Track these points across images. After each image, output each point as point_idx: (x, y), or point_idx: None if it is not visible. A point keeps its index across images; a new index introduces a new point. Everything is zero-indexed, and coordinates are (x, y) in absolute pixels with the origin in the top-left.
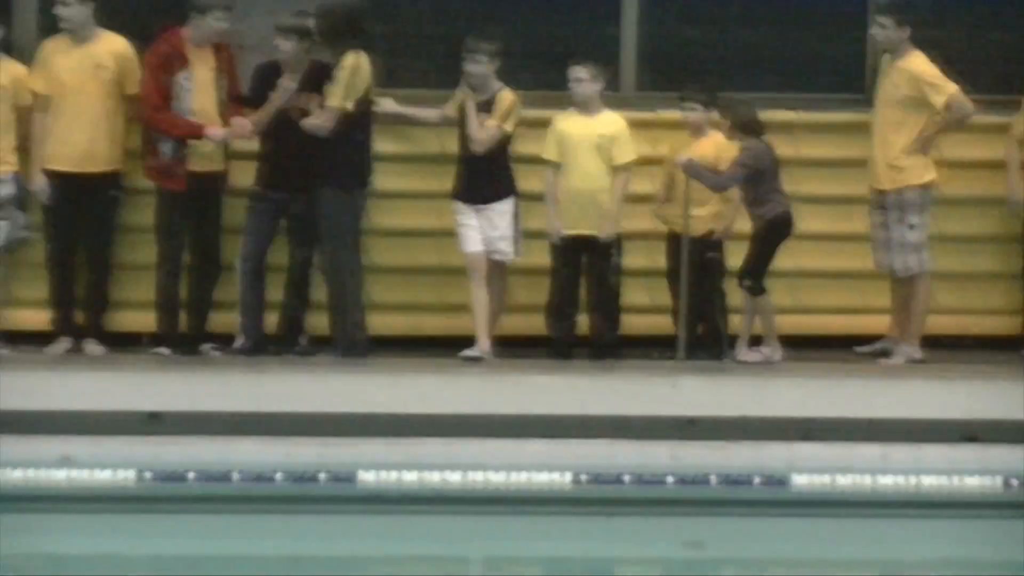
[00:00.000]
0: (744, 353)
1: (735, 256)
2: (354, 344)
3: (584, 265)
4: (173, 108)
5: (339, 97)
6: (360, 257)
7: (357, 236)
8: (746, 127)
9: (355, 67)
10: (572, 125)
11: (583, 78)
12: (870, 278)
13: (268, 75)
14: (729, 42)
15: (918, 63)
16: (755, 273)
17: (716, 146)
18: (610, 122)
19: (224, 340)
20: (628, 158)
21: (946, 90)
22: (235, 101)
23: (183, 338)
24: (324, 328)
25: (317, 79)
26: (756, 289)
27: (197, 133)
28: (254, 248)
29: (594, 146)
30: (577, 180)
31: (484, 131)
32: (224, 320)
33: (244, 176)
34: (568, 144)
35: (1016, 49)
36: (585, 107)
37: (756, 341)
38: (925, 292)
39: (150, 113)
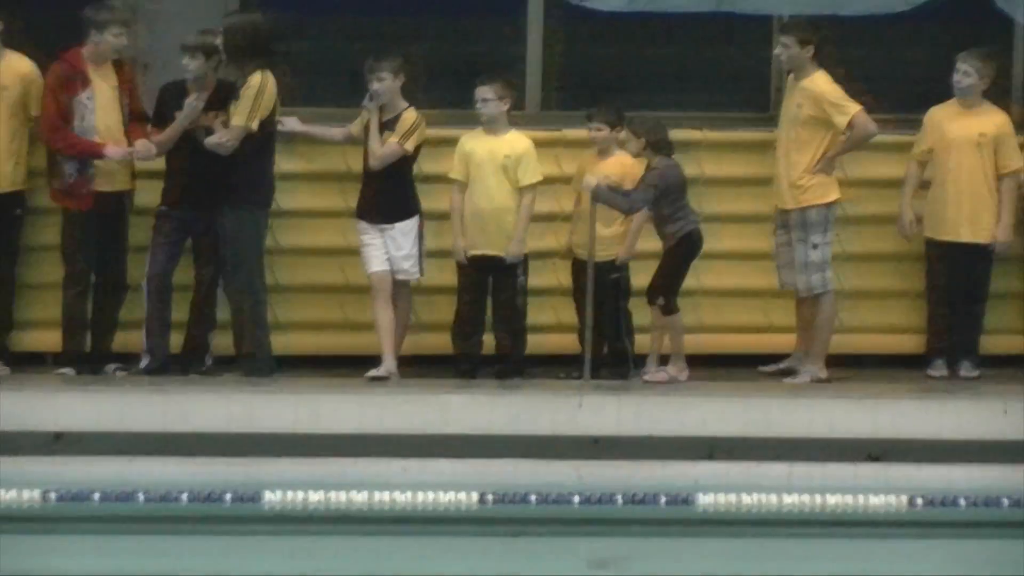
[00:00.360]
0: (651, 373)
1: (640, 275)
2: (258, 363)
3: (489, 285)
4: (77, 127)
5: (244, 116)
6: (263, 277)
7: (260, 255)
8: (657, 145)
9: (261, 86)
10: (478, 145)
11: (489, 98)
12: (774, 296)
13: (174, 94)
14: (634, 61)
15: (821, 83)
16: (667, 291)
17: (622, 165)
18: (516, 143)
19: (128, 360)
20: (533, 179)
21: (849, 110)
22: (137, 118)
23: (87, 358)
24: (229, 348)
25: (223, 98)
26: (669, 308)
27: (97, 152)
28: (160, 267)
29: (499, 166)
30: (482, 200)
31: (383, 147)
32: (129, 339)
33: (150, 195)
34: (473, 164)
35: (919, 68)
36: (491, 127)
37: (663, 360)
38: (830, 311)
39: (49, 134)
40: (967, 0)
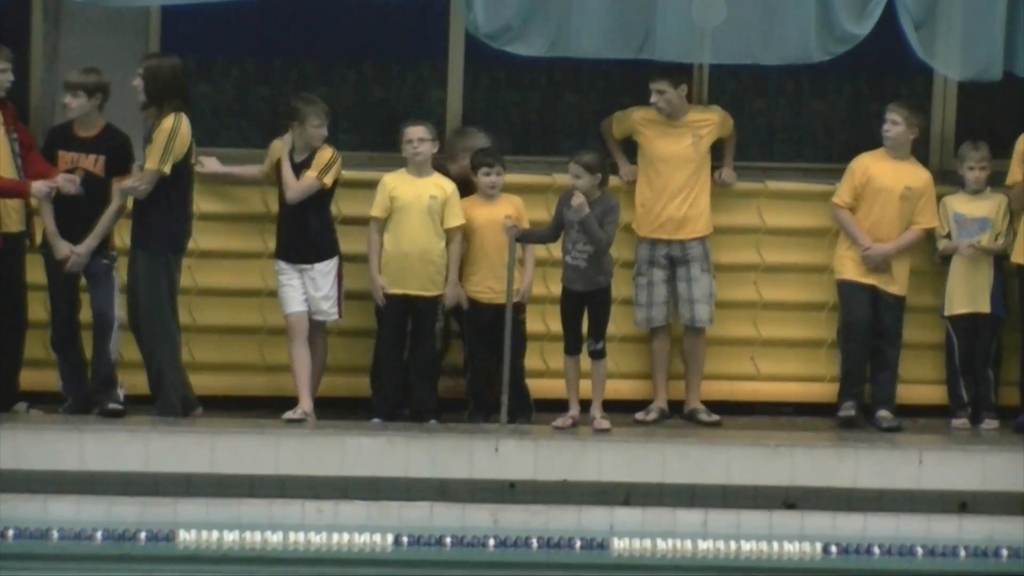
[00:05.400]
0: (559, 420)
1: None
2: (171, 404)
3: (409, 326)
4: None
5: (157, 159)
6: (175, 318)
7: (172, 298)
8: (604, 180)
9: (173, 129)
10: (403, 185)
11: (425, 138)
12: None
13: (60, 136)
14: (555, 106)
15: (708, 111)
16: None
17: (515, 207)
18: (442, 184)
19: (36, 398)
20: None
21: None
22: (32, 150)
23: None
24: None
25: (108, 141)
26: (603, 352)
27: (23, 192)
28: (61, 314)
29: (425, 208)
30: (407, 242)
31: (301, 181)
32: (31, 378)
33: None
34: (398, 205)
35: (838, 119)
36: (418, 169)
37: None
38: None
39: None
40: (886, 52)
